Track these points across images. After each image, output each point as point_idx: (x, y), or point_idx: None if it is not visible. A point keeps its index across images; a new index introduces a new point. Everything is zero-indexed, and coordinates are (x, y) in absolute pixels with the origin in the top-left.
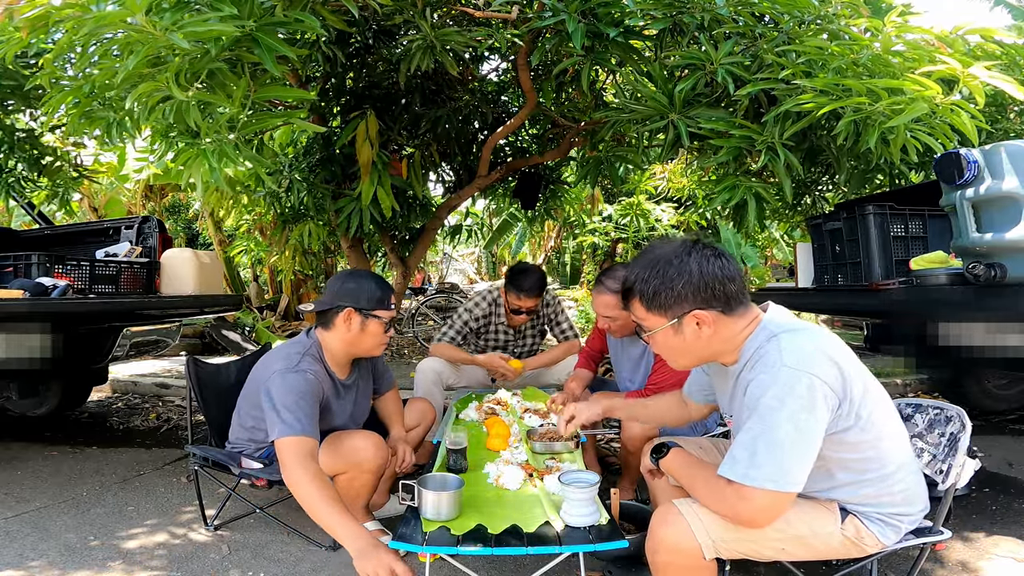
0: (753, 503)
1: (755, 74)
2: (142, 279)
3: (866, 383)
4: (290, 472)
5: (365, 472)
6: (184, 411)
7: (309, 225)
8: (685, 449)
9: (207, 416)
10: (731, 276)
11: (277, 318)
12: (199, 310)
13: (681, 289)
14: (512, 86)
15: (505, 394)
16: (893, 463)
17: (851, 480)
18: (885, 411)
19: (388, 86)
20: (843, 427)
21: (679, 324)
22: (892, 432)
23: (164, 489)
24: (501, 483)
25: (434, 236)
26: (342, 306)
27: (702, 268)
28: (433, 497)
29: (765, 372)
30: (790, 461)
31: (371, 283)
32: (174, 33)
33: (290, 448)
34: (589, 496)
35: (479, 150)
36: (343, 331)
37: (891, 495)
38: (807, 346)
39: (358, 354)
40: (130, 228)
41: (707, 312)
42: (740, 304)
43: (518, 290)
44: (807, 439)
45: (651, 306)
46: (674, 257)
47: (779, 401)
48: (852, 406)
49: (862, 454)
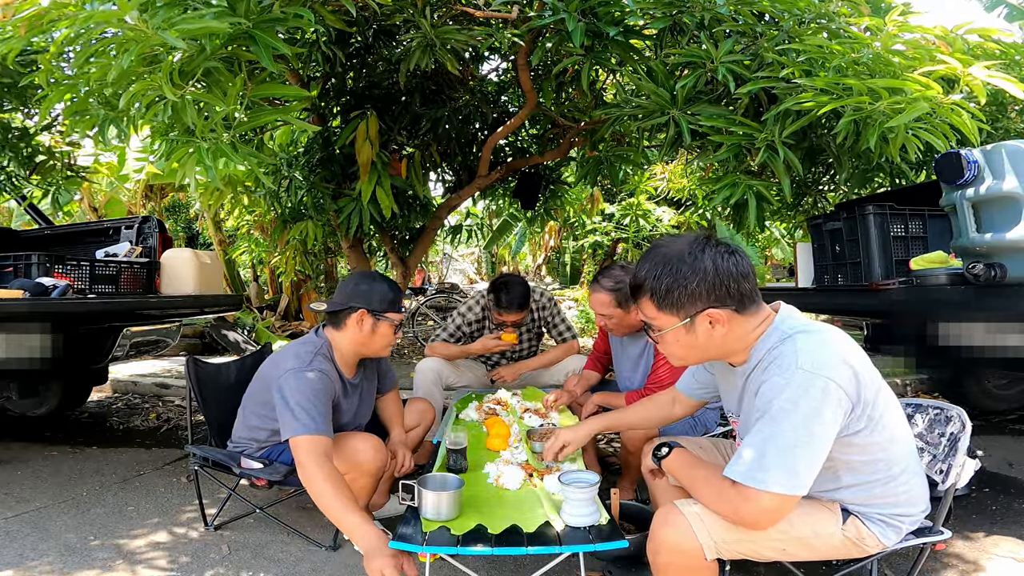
0: (758, 505)
1: (755, 73)
2: (142, 279)
3: (879, 386)
4: (305, 470)
5: (365, 474)
6: (184, 411)
7: (309, 225)
8: (687, 449)
9: (207, 416)
10: (745, 273)
11: (277, 318)
12: (199, 310)
13: (695, 287)
14: (512, 86)
15: (505, 394)
16: (899, 465)
17: (857, 482)
18: (895, 414)
19: (388, 86)
20: (854, 430)
21: (691, 324)
22: (901, 435)
23: (164, 489)
24: (501, 483)
25: (434, 236)
26: (355, 307)
27: (717, 265)
28: (433, 497)
29: (779, 374)
30: (799, 465)
31: (384, 286)
32: (166, 31)
33: (305, 447)
34: (589, 496)
35: (479, 150)
36: (354, 332)
37: (895, 496)
38: (823, 348)
39: (367, 355)
40: (130, 228)
41: (721, 311)
42: (753, 303)
43: (499, 306)
44: (818, 443)
45: (663, 305)
46: (687, 254)
47: (792, 404)
48: (865, 409)
49: (871, 456)
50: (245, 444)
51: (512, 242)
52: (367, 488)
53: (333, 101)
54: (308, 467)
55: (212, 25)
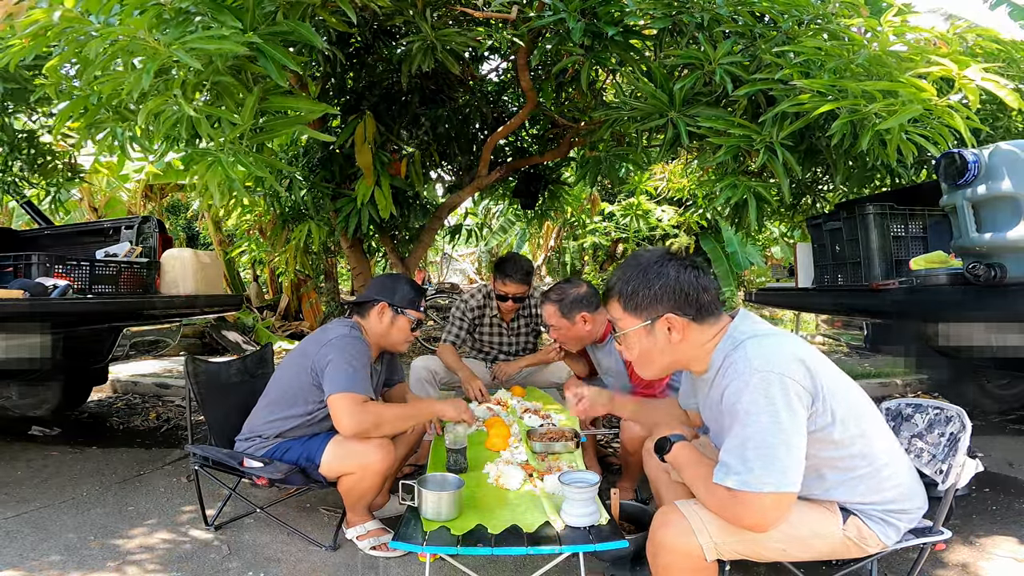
0: (756, 507)
1: (753, 74)
2: (142, 279)
3: (836, 380)
4: (361, 419)
5: (373, 474)
6: (184, 411)
7: (309, 225)
8: (690, 443)
9: (207, 416)
10: (705, 287)
11: (277, 318)
12: (199, 310)
13: (658, 291)
14: (512, 86)
15: (505, 394)
16: (881, 458)
17: (842, 479)
18: (862, 407)
19: (388, 86)
20: (821, 425)
21: (652, 326)
22: (874, 428)
23: (164, 489)
24: (501, 483)
25: (434, 236)
26: (378, 300)
27: (679, 275)
28: (433, 497)
29: (736, 378)
30: (783, 461)
31: (407, 286)
32: (180, 51)
33: (350, 403)
34: (589, 496)
35: (479, 150)
36: (375, 322)
37: (886, 491)
38: (772, 348)
39: (385, 346)
40: (130, 228)
41: (679, 317)
42: (711, 315)
43: (502, 275)
44: (792, 436)
45: (628, 306)
46: (654, 263)
47: (755, 404)
48: (825, 403)
49: (847, 450)
50: (257, 440)
51: (513, 242)
52: (375, 487)
53: (333, 101)
54: (362, 415)
55: (226, 46)
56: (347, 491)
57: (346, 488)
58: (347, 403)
